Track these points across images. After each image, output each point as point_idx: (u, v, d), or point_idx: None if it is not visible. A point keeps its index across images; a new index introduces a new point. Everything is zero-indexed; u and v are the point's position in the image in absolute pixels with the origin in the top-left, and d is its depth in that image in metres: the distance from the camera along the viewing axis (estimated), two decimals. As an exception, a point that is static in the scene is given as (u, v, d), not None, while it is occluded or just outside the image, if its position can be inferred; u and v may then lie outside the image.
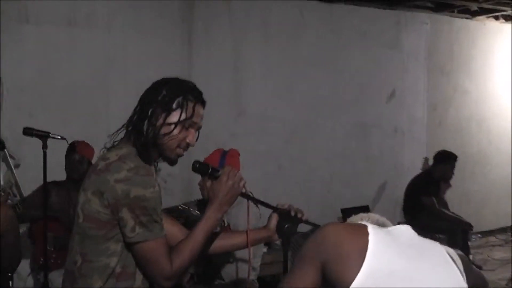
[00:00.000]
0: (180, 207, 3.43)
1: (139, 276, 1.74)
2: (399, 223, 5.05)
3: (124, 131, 1.79)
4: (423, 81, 6.05)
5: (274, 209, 2.01)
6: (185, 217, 3.42)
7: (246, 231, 1.99)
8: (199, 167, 1.88)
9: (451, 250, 1.44)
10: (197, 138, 1.83)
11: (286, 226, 1.95)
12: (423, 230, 5.25)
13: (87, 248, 1.70)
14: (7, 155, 3.61)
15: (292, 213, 1.96)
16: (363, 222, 1.39)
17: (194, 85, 1.83)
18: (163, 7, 4.67)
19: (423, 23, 6.03)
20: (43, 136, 3.29)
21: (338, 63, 5.51)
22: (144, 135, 1.73)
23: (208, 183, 1.89)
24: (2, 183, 3.48)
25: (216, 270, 2.88)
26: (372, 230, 1.33)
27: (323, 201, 5.15)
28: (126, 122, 1.79)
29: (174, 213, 3.25)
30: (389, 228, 1.42)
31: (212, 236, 1.96)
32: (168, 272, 1.68)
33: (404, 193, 5.34)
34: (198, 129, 1.82)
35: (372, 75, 5.69)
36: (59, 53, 4.25)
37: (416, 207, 5.18)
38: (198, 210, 3.26)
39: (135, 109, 1.80)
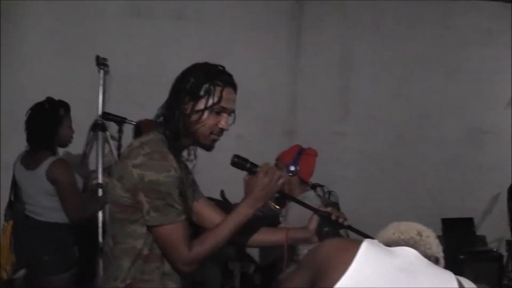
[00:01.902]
0: None
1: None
2: (508, 242, 4.79)
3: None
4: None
5: (315, 211, 2.10)
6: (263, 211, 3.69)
7: (286, 229, 2.09)
8: (238, 162, 1.93)
9: (469, 285, 1.44)
10: (233, 121, 1.92)
11: (325, 229, 2.04)
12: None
13: (116, 231, 1.84)
14: (109, 137, 3.99)
15: (333, 217, 2.04)
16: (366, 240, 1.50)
17: (222, 69, 1.91)
18: (272, 3, 4.85)
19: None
20: (119, 121, 3.71)
21: (455, 63, 5.37)
22: (175, 124, 1.84)
23: (247, 177, 1.92)
24: (103, 163, 3.83)
25: (279, 266, 2.99)
26: (364, 248, 1.44)
27: (428, 210, 5.13)
28: (156, 113, 1.91)
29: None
30: (392, 248, 1.50)
31: (253, 229, 2.07)
32: (184, 257, 1.76)
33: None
34: (231, 112, 1.91)
35: (492, 77, 5.47)
36: (167, 45, 4.58)
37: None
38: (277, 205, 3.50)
39: (167, 100, 1.90)
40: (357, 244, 1.46)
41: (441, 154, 5.39)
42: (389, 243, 1.54)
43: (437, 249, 1.56)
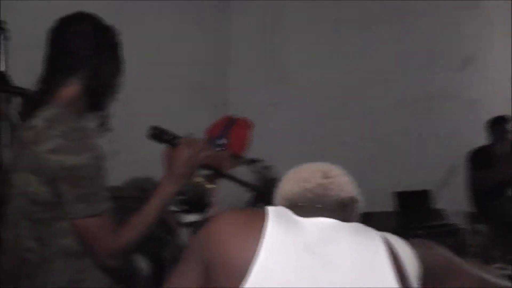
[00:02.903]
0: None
1: None
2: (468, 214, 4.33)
3: None
4: (509, 46, 5.49)
5: (247, 186, 2.11)
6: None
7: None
8: (156, 133, 1.76)
9: (399, 246, 1.26)
10: None
11: (259, 205, 1.88)
12: (498, 228, 4.71)
13: (40, 232, 1.62)
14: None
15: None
16: (270, 209, 1.27)
17: None
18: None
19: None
20: (18, 93, 3.33)
21: (403, 25, 5.04)
22: (95, 85, 1.67)
23: (166, 151, 1.78)
24: None
25: None
26: (270, 229, 1.20)
27: (377, 183, 4.78)
28: (44, 72, 1.68)
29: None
30: (303, 220, 1.25)
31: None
32: (112, 249, 1.60)
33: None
34: None
35: (445, 38, 5.14)
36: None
37: (478, 193, 4.60)
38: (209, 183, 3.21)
39: (53, 55, 1.69)
40: (260, 222, 1.21)
41: (392, 122, 5.04)
42: (294, 199, 1.33)
43: (351, 187, 1.36)
